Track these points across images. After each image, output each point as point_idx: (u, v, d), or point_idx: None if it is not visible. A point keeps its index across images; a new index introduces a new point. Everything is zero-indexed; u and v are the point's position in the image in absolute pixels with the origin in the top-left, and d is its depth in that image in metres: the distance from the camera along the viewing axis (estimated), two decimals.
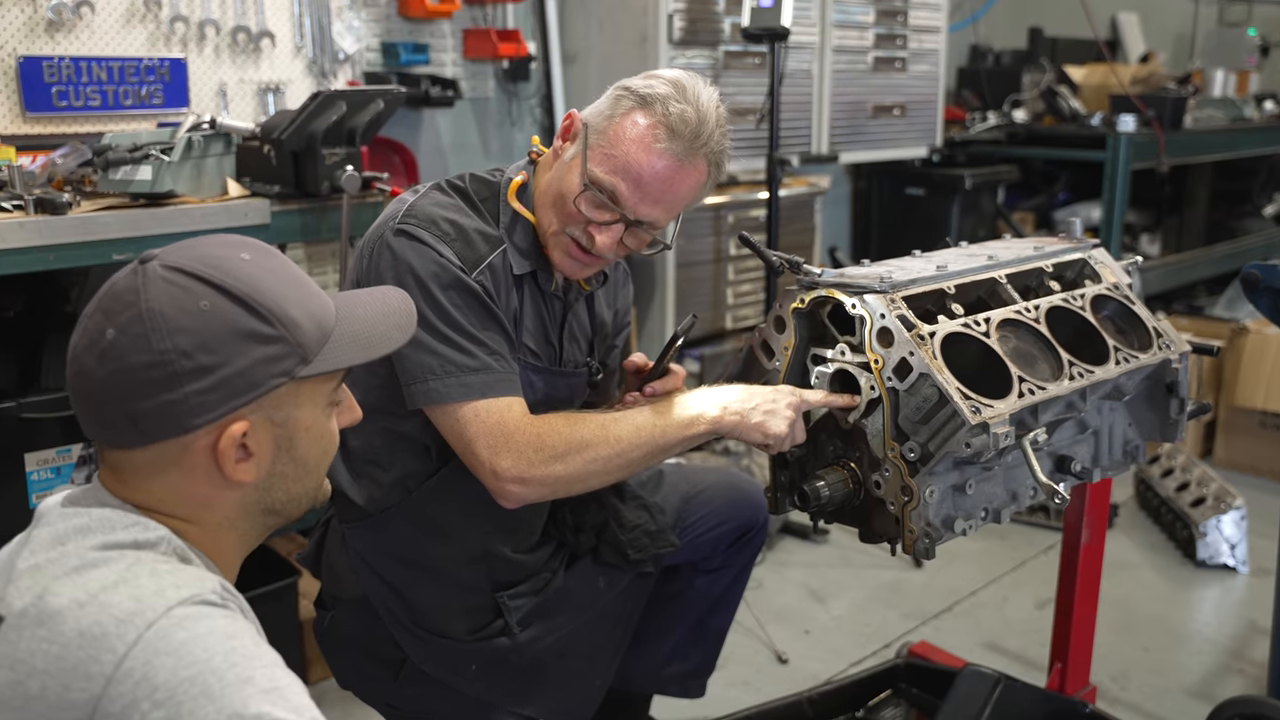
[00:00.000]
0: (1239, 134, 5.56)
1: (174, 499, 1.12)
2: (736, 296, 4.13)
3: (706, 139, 1.69)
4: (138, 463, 1.10)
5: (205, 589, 1.03)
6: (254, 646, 1.00)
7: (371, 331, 1.21)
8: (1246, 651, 2.97)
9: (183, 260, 1.09)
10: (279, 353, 1.10)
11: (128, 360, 1.05)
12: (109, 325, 1.07)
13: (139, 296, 1.06)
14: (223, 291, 1.08)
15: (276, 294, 1.11)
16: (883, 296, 1.70)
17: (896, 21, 4.51)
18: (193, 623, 0.98)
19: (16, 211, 2.14)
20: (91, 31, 2.91)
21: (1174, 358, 1.95)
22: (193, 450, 1.10)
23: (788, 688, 2.73)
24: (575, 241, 1.74)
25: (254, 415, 1.11)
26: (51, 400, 2.23)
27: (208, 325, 1.07)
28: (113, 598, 0.99)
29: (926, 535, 1.71)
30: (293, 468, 1.17)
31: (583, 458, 1.64)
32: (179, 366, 1.05)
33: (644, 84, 1.70)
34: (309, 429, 1.16)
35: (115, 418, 1.08)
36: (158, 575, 1.03)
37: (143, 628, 0.97)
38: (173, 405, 1.06)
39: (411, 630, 1.79)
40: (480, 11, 3.74)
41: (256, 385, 1.09)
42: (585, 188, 1.69)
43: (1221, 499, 3.46)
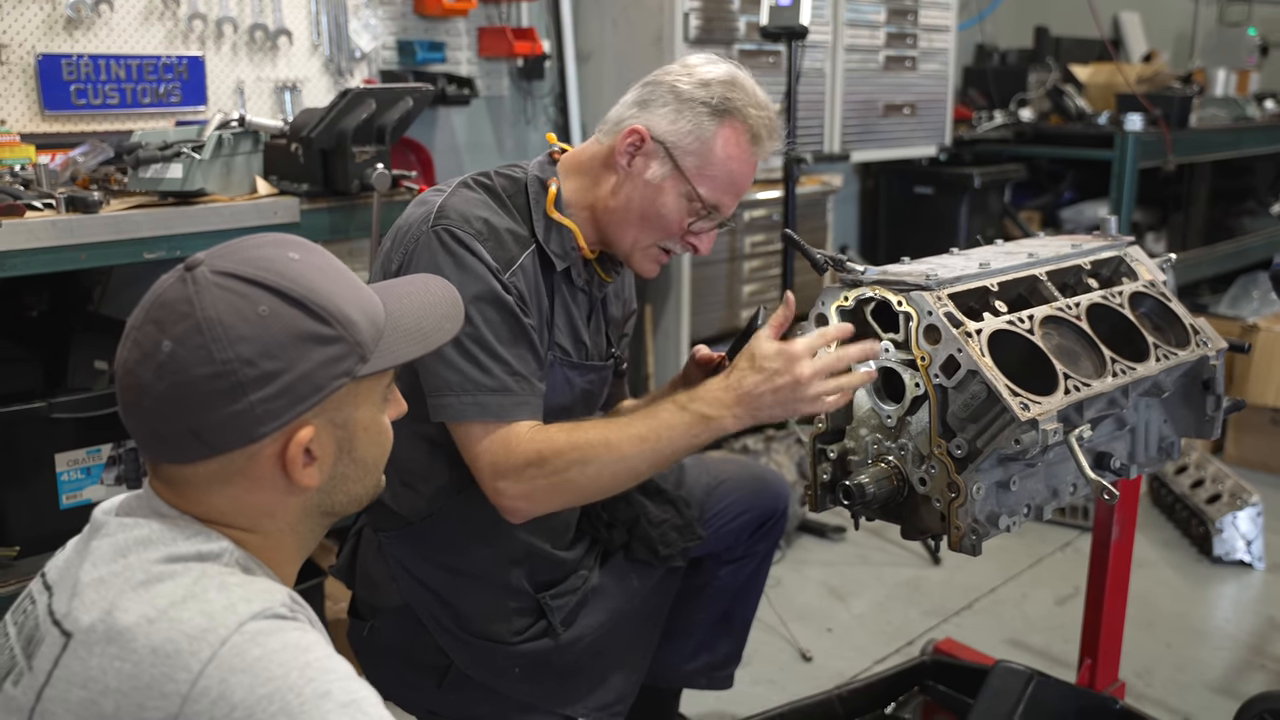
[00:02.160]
0: (1243, 133, 5.58)
1: (236, 510, 1.10)
2: (750, 294, 4.13)
3: (778, 134, 1.79)
4: (200, 476, 1.08)
5: (275, 602, 1.01)
6: (328, 659, 0.98)
7: (423, 324, 1.20)
8: (1267, 647, 2.98)
9: (233, 265, 1.06)
10: (340, 353, 1.08)
11: (189, 373, 1.02)
12: (164, 337, 1.03)
13: (194, 306, 1.03)
14: (279, 295, 1.05)
15: (331, 293, 1.09)
16: (929, 294, 1.71)
17: (907, 20, 4.52)
18: (266, 638, 0.97)
19: (47, 210, 2.12)
20: (110, 29, 2.90)
21: (1211, 355, 1.96)
22: (259, 460, 1.07)
23: (813, 685, 2.74)
24: (667, 250, 1.80)
25: (317, 419, 1.09)
26: (81, 400, 2.22)
27: (269, 331, 1.04)
28: (183, 613, 0.98)
29: (973, 531, 1.71)
30: (354, 469, 1.15)
31: (585, 473, 1.63)
32: (243, 375, 1.03)
33: (711, 95, 1.73)
34: (368, 428, 1.15)
35: (176, 432, 1.05)
36: (226, 589, 1.01)
37: (216, 644, 0.95)
38: (238, 416, 1.04)
39: (456, 635, 1.79)
40: (495, 9, 3.74)
41: (320, 388, 1.07)
42: (693, 208, 1.75)
43: (1237, 495, 3.47)
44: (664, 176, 1.74)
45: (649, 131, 1.75)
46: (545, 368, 1.75)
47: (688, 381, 1.92)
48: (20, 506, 2.19)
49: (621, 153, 1.76)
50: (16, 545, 2.17)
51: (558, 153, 1.85)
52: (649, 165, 1.75)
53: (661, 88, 1.76)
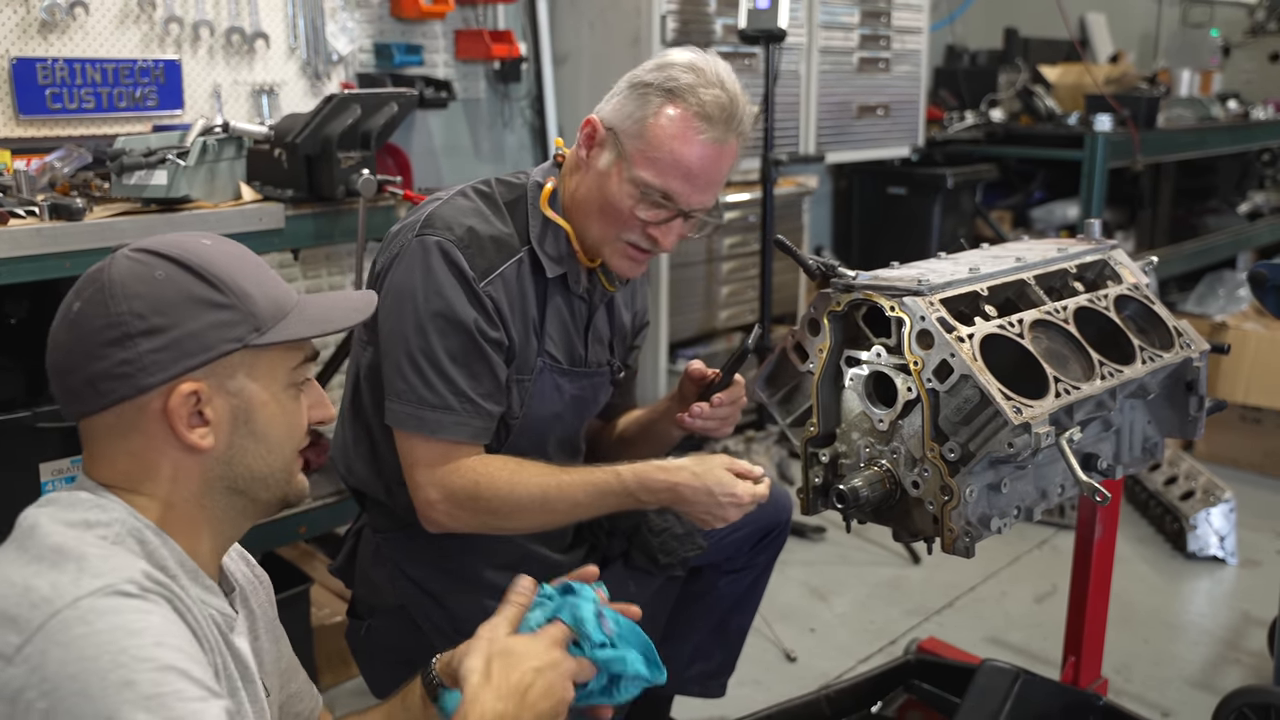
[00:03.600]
0: (1208, 133, 5.66)
1: (138, 471, 1.15)
2: (728, 296, 4.15)
3: (740, 117, 1.72)
4: (102, 430, 1.15)
5: (121, 578, 1.04)
6: (153, 646, 1.00)
7: (329, 314, 1.25)
8: (1242, 642, 3.04)
9: (147, 243, 1.18)
10: (230, 319, 1.15)
11: (89, 324, 1.12)
12: (76, 299, 1.14)
13: (102, 272, 1.14)
14: (177, 263, 1.15)
15: (230, 269, 1.17)
16: (921, 299, 1.72)
17: (880, 22, 4.55)
18: (95, 616, 0.99)
19: (30, 218, 2.10)
20: (85, 32, 2.87)
21: (1195, 356, 1.99)
22: (148, 413, 1.13)
23: (798, 686, 2.75)
24: (633, 245, 1.75)
25: (207, 380, 1.14)
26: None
27: (161, 291, 1.13)
28: (37, 581, 1.02)
29: (966, 533, 1.73)
30: (252, 442, 1.19)
31: (511, 520, 1.70)
32: (132, 327, 1.11)
33: (663, 76, 1.70)
34: (266, 404, 1.19)
35: (78, 383, 1.13)
36: (83, 560, 1.04)
37: (48, 615, 0.99)
38: (127, 364, 1.11)
39: (452, 638, 1.76)
40: (472, 12, 3.73)
41: (208, 348, 1.14)
42: (641, 194, 1.70)
43: (1210, 492, 3.53)
44: (611, 163, 1.72)
45: (599, 119, 1.74)
46: (532, 375, 1.75)
47: (683, 397, 1.93)
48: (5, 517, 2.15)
49: (581, 145, 1.76)
50: None
51: (560, 155, 1.84)
52: (601, 154, 1.74)
53: (623, 80, 1.75)
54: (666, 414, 1.95)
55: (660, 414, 1.97)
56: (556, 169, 1.82)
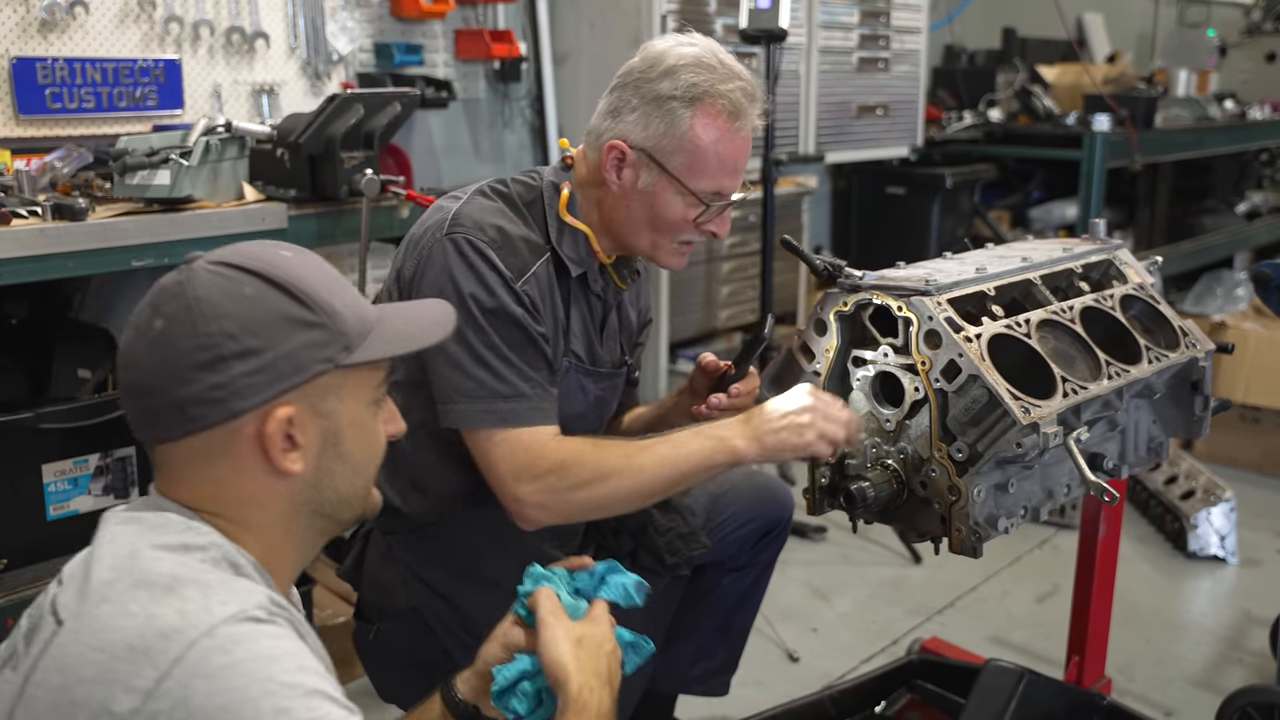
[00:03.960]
0: (1205, 133, 5.67)
1: (224, 495, 1.11)
2: (729, 296, 4.15)
3: (757, 95, 1.76)
4: (185, 454, 1.10)
5: (251, 604, 1.02)
6: (296, 672, 0.99)
7: (411, 328, 1.22)
8: (1244, 641, 3.04)
9: (227, 256, 1.12)
10: (322, 338, 1.11)
11: (175, 346, 1.07)
12: (157, 317, 1.09)
13: (184, 288, 1.08)
14: (266, 279, 1.10)
15: (317, 284, 1.13)
16: (929, 299, 1.72)
17: (879, 22, 4.55)
18: (234, 645, 0.98)
19: (33, 218, 2.09)
20: (85, 32, 2.86)
21: (1200, 356, 1.99)
22: (239, 437, 1.09)
23: (801, 686, 2.75)
24: (686, 242, 1.80)
25: (299, 403, 1.11)
26: (68, 410, 2.19)
27: (253, 310, 1.08)
28: (160, 609, 0.99)
29: (974, 533, 1.73)
30: (339, 464, 1.16)
31: (606, 487, 1.63)
32: (225, 349, 1.07)
33: (680, 85, 1.69)
34: (353, 424, 1.17)
35: (163, 406, 1.08)
36: (205, 587, 1.02)
37: (184, 646, 0.96)
38: (219, 388, 1.07)
39: (464, 640, 1.78)
40: (472, 12, 3.72)
41: (302, 369, 1.10)
42: (704, 205, 1.73)
43: (1211, 491, 3.53)
44: (654, 182, 1.72)
45: (626, 142, 1.72)
46: (558, 375, 1.75)
47: (694, 389, 1.92)
48: (7, 519, 2.15)
49: (608, 169, 1.74)
50: (4, 558, 2.14)
51: (569, 157, 1.84)
52: (638, 175, 1.73)
53: (628, 91, 1.73)
54: (676, 408, 1.95)
55: (669, 409, 1.97)
56: (567, 171, 1.82)
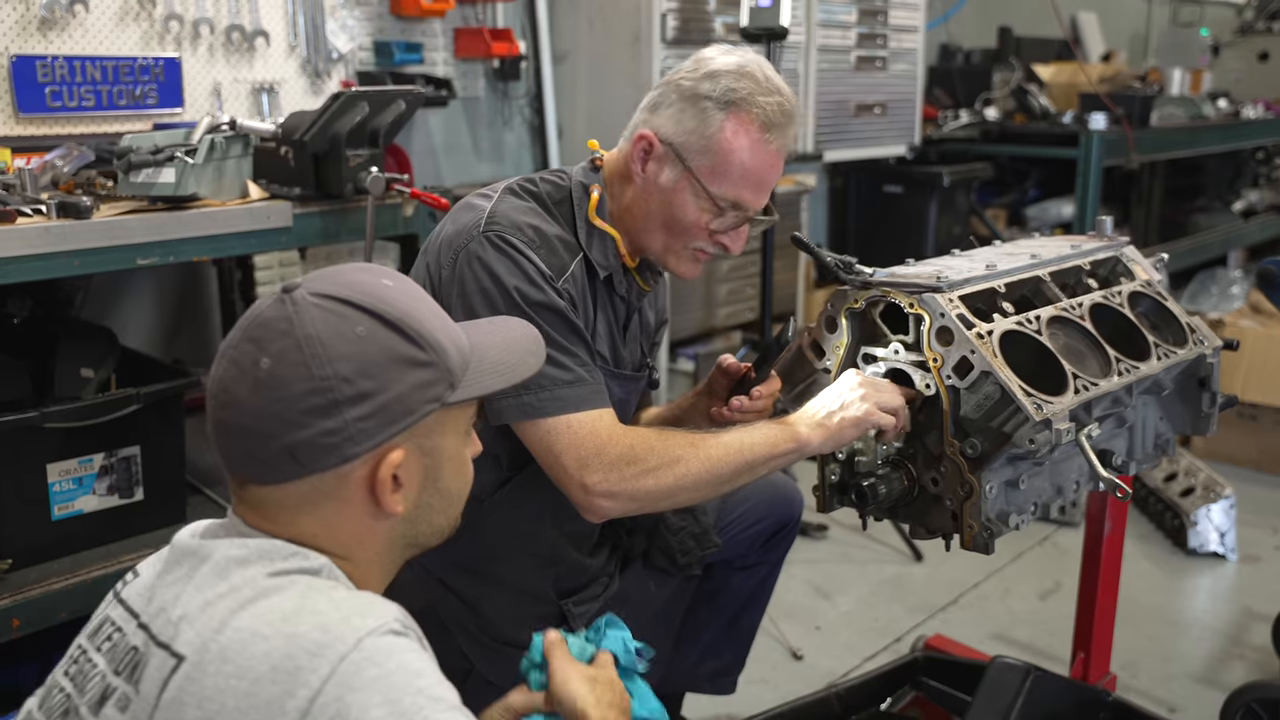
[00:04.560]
0: (1199, 131, 5.70)
1: (325, 535, 1.09)
2: (728, 295, 4.15)
3: (796, 117, 1.74)
4: (291, 498, 1.07)
5: (389, 617, 1.01)
6: (437, 685, 0.99)
7: (507, 358, 1.21)
8: (1245, 637, 3.05)
9: (330, 287, 1.08)
10: (431, 378, 1.09)
11: (287, 389, 1.03)
12: (262, 355, 1.04)
13: (293, 324, 1.04)
14: (376, 317, 1.07)
15: (423, 319, 1.10)
16: (941, 295, 1.72)
17: (877, 21, 4.56)
18: (383, 657, 0.97)
19: (38, 216, 2.08)
20: (85, 30, 2.85)
21: (1208, 352, 2.00)
22: (349, 482, 1.07)
23: (805, 684, 2.75)
24: (701, 250, 1.76)
25: (406, 444, 1.08)
26: (74, 409, 2.17)
27: (366, 351, 1.05)
28: (298, 628, 0.97)
29: (986, 529, 1.73)
30: (437, 499, 1.15)
31: (674, 473, 1.61)
32: (340, 393, 1.03)
33: (720, 88, 1.68)
34: (452, 459, 1.15)
35: (271, 450, 1.04)
36: (337, 603, 1.01)
37: (335, 661, 0.95)
38: (333, 434, 1.04)
39: (479, 639, 1.78)
40: (471, 10, 3.72)
41: (412, 411, 1.07)
42: (716, 209, 1.71)
43: (1210, 488, 3.54)
44: (676, 179, 1.71)
45: (656, 135, 1.72)
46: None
47: (713, 391, 1.91)
48: (12, 518, 2.14)
49: (634, 159, 1.73)
50: (9, 558, 2.12)
51: (599, 159, 1.82)
52: (661, 170, 1.72)
53: (669, 87, 1.73)
54: (693, 409, 1.94)
55: (686, 410, 1.96)
56: (596, 173, 1.81)
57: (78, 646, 1.13)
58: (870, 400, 1.67)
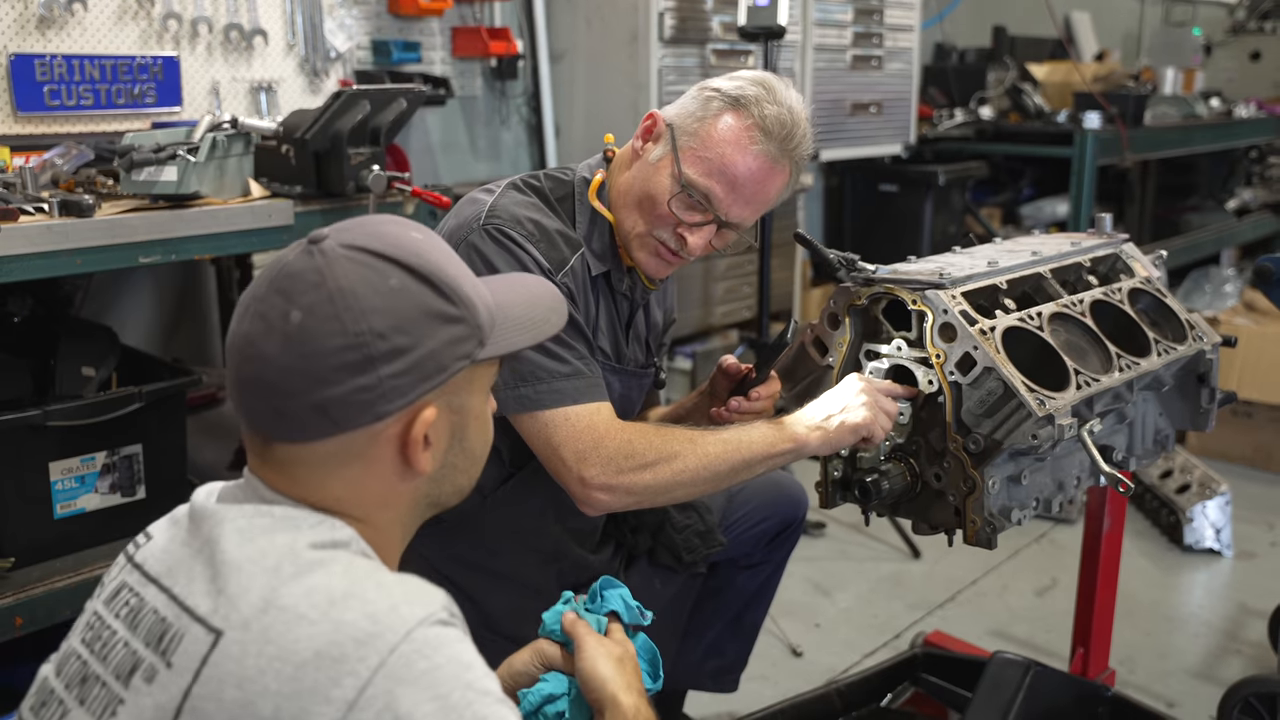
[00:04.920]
0: (1193, 130, 5.72)
1: (352, 496, 1.06)
2: (725, 293, 4.15)
3: (798, 141, 1.71)
4: (318, 456, 1.03)
5: (437, 605, 0.99)
6: (485, 678, 0.97)
7: (532, 314, 1.18)
8: (1241, 633, 3.07)
9: (361, 238, 1.04)
10: (463, 334, 1.06)
11: (319, 344, 0.99)
12: (292, 307, 0.99)
13: (324, 276, 1.00)
14: (409, 270, 1.03)
15: (452, 270, 1.07)
16: (944, 292, 1.73)
17: (873, 20, 4.56)
18: (432, 650, 0.95)
19: (39, 214, 2.08)
20: (84, 29, 2.84)
21: (1207, 349, 2.01)
22: (379, 441, 1.04)
23: (805, 680, 2.77)
24: (663, 243, 1.74)
25: (437, 400, 1.05)
26: (76, 408, 2.17)
27: (400, 305, 1.01)
28: (346, 614, 0.94)
29: (989, 524, 1.74)
30: (462, 458, 1.12)
31: (671, 468, 1.61)
32: (375, 349, 1.00)
33: (732, 85, 1.70)
34: (478, 417, 1.13)
35: (300, 407, 1.00)
36: (384, 587, 0.98)
37: (385, 652, 0.93)
38: (366, 390, 1.00)
39: (483, 635, 1.76)
40: (469, 9, 3.72)
41: (444, 368, 1.04)
42: (681, 190, 1.69)
43: (1206, 485, 3.56)
44: (662, 155, 1.71)
45: (662, 115, 1.74)
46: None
47: (714, 391, 1.92)
48: (15, 517, 2.14)
49: (638, 136, 1.76)
50: (12, 557, 2.12)
51: (611, 151, 1.83)
52: (655, 148, 1.73)
53: (707, 88, 1.74)
54: (696, 410, 1.95)
55: (689, 410, 1.97)
56: (606, 164, 1.82)
57: (94, 614, 1.09)
58: (871, 409, 1.68)
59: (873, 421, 1.67)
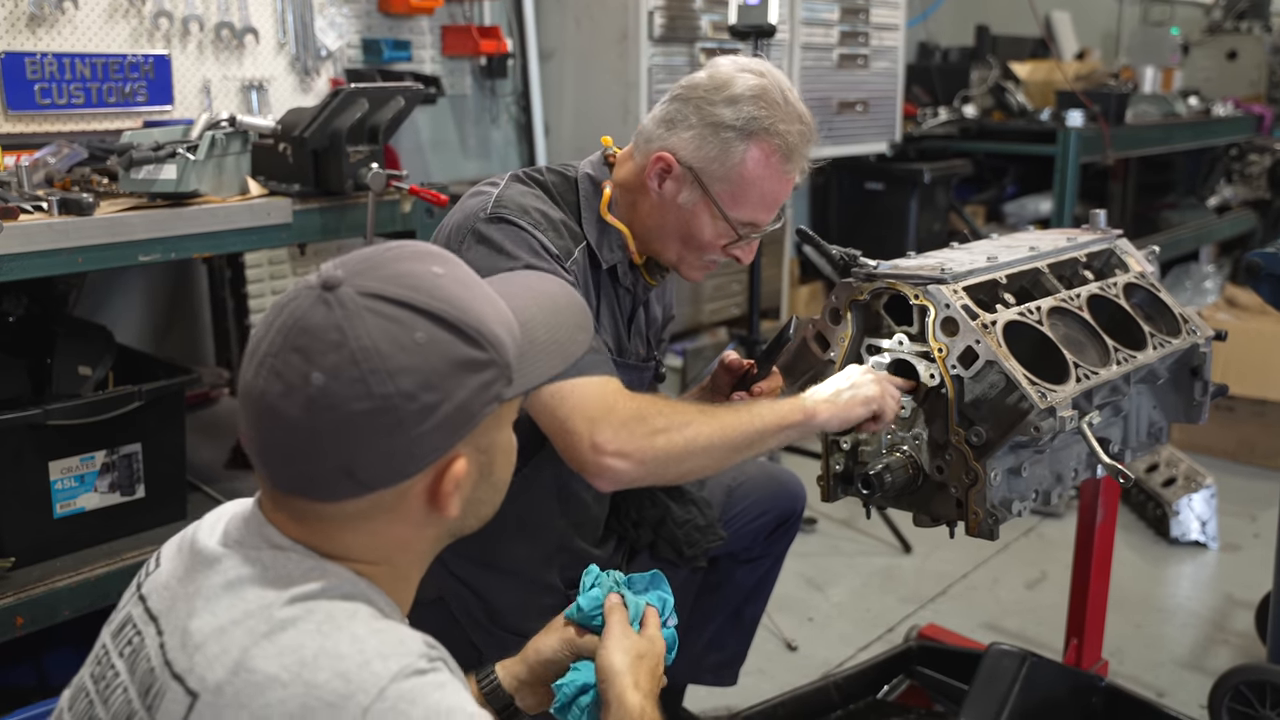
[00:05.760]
0: (1173, 129, 5.78)
1: (370, 546, 1.03)
2: (714, 291, 4.17)
3: (811, 140, 1.75)
4: (344, 514, 1.01)
5: (412, 654, 0.96)
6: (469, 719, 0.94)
7: (557, 335, 1.13)
8: (1229, 623, 3.11)
9: (379, 284, 0.98)
10: (491, 378, 1.01)
11: (345, 408, 0.94)
12: (313, 369, 0.95)
13: (345, 335, 0.95)
14: (435, 319, 0.98)
15: (480, 313, 1.02)
16: (946, 287, 1.75)
17: (859, 19, 4.59)
18: (408, 705, 0.92)
19: (39, 213, 2.07)
20: (74, 27, 2.83)
21: (1201, 342, 2.04)
22: (409, 495, 1.01)
23: (801, 674, 2.79)
24: (712, 260, 1.81)
25: (465, 448, 1.02)
26: (76, 407, 2.17)
27: (428, 360, 0.97)
28: (317, 675, 0.92)
29: (991, 516, 1.76)
30: (489, 492, 1.10)
31: (684, 435, 1.58)
32: (404, 411, 0.95)
33: (742, 116, 1.68)
34: (505, 450, 1.10)
35: (326, 471, 0.97)
36: (358, 641, 0.95)
37: (357, 713, 0.90)
38: (397, 453, 0.97)
39: (489, 630, 1.80)
40: (459, 8, 3.72)
41: (474, 417, 1.01)
42: (739, 237, 1.76)
43: (1192, 478, 3.61)
44: (695, 202, 1.73)
45: (675, 157, 1.72)
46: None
47: (716, 387, 1.94)
48: (14, 517, 2.13)
49: (650, 176, 1.74)
50: (12, 556, 2.12)
51: (612, 155, 1.84)
52: (680, 190, 1.73)
53: (688, 106, 1.72)
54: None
55: None
56: (607, 169, 1.83)
57: (102, 646, 1.09)
58: (880, 385, 1.71)
59: (882, 396, 1.69)
